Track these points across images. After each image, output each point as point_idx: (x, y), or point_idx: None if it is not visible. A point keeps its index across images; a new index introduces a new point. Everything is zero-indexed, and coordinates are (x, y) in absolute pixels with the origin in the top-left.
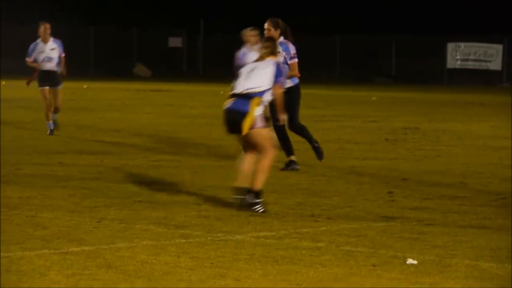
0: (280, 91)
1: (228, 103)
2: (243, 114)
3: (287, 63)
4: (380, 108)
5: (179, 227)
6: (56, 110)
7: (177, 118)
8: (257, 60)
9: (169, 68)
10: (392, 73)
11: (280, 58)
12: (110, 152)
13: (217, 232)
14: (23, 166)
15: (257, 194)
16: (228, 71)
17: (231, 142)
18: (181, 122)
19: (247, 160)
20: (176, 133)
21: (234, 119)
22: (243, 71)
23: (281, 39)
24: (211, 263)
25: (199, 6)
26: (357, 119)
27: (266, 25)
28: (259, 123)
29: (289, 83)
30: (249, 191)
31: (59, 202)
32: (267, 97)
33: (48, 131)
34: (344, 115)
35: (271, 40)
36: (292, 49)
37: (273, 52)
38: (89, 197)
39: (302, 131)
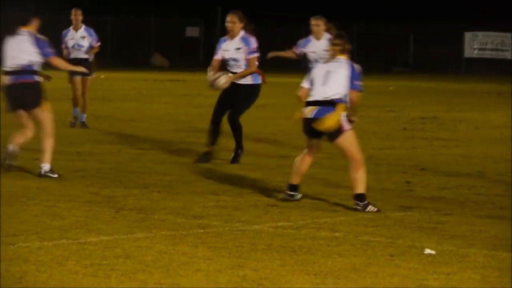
0: (356, 98)
1: (311, 112)
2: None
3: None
4: (397, 98)
5: (197, 217)
6: (84, 109)
7: (194, 108)
8: (328, 60)
9: (186, 58)
10: (410, 62)
11: (242, 55)
12: (127, 142)
13: (235, 222)
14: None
15: (361, 196)
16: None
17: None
18: (197, 112)
19: (305, 160)
20: (193, 123)
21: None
22: (318, 74)
23: (243, 32)
24: (229, 253)
25: None
26: (374, 109)
27: (229, 18)
28: (346, 125)
29: (250, 81)
30: (355, 196)
31: (77, 192)
32: (347, 100)
33: (72, 118)
34: (362, 104)
35: (341, 36)
36: (254, 43)
37: (345, 50)
38: (107, 187)
39: (238, 130)
